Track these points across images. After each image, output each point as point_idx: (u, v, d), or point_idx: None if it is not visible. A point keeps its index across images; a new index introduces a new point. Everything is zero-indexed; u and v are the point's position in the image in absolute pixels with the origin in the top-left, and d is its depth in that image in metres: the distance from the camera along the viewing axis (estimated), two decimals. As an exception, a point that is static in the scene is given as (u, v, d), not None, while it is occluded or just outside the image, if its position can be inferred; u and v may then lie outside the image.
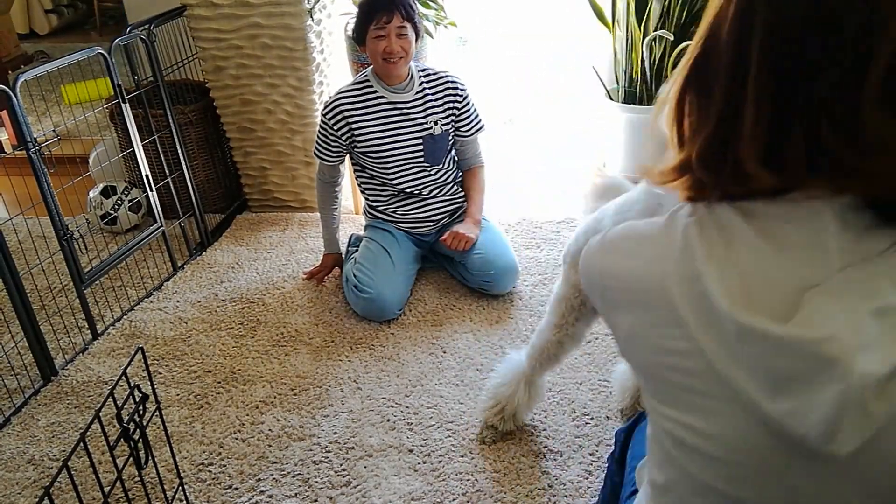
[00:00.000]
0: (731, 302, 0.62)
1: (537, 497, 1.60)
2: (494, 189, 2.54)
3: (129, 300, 2.42)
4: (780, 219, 0.64)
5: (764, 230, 0.64)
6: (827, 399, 0.58)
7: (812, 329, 0.59)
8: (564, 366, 1.99)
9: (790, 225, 0.63)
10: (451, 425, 1.81)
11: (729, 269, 0.64)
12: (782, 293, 0.61)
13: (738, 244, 0.64)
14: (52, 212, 2.05)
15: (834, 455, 0.60)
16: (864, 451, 0.60)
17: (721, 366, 0.64)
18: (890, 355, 0.57)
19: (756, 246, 0.64)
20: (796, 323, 0.60)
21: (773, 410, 0.62)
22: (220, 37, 2.60)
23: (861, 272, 0.60)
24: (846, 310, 0.59)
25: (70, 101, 3.77)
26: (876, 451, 0.60)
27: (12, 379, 2.06)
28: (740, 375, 0.63)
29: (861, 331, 0.58)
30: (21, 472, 1.75)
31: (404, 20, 2.12)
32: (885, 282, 0.59)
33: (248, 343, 2.17)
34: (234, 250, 2.70)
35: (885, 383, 0.57)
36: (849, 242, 0.61)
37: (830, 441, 0.59)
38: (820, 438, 0.60)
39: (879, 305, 0.58)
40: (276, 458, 1.75)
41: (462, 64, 3.73)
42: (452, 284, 2.39)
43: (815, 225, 0.62)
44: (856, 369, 0.57)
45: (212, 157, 2.91)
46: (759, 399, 0.62)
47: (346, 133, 2.26)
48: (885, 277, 0.59)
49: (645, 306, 0.69)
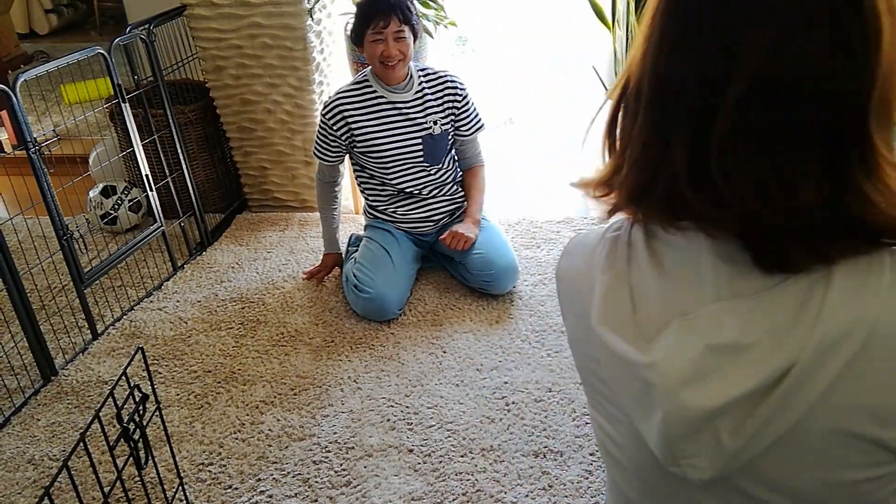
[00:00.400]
0: (599, 318, 0.66)
1: (537, 497, 1.60)
2: (494, 189, 2.54)
3: (129, 300, 2.42)
4: (669, 244, 0.65)
5: (656, 253, 0.66)
6: (655, 423, 0.62)
7: (646, 354, 0.62)
8: (564, 366, 1.99)
9: (674, 253, 0.65)
10: (451, 425, 1.81)
11: (618, 286, 0.67)
12: (657, 316, 0.63)
13: (635, 262, 0.67)
14: (52, 212, 2.05)
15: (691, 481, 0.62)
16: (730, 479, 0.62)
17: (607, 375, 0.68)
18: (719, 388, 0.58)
19: (646, 267, 0.66)
20: (641, 346, 0.62)
21: (638, 424, 0.65)
22: (220, 36, 2.60)
23: (727, 307, 0.60)
24: (686, 341, 0.60)
25: (70, 101, 3.77)
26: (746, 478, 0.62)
27: (12, 379, 2.05)
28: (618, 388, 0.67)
29: (691, 363, 0.59)
30: (21, 472, 1.75)
31: (402, 24, 2.12)
32: (744, 310, 0.59)
33: (248, 343, 2.17)
34: (234, 250, 2.70)
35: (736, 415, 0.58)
36: (723, 277, 0.61)
37: (670, 462, 0.62)
38: (664, 460, 0.63)
39: (724, 340, 0.59)
40: (276, 458, 1.75)
41: (462, 64, 3.73)
42: (452, 284, 2.39)
43: (692, 256, 0.63)
44: (670, 402, 0.59)
45: (212, 156, 2.91)
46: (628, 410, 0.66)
47: (345, 133, 2.26)
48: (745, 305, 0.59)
49: (576, 310, 0.73)
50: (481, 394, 1.91)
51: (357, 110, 2.24)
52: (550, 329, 2.14)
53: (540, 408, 1.85)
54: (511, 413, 1.84)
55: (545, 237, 2.62)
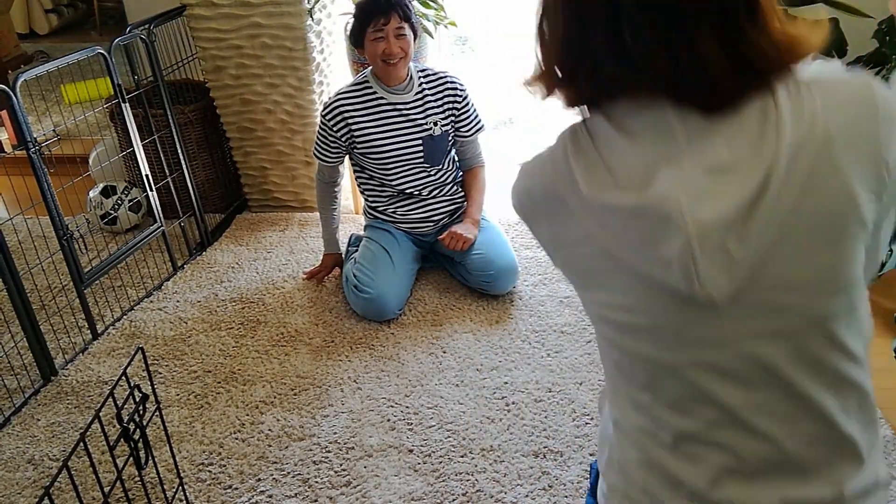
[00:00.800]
0: (590, 188, 0.73)
1: (537, 497, 1.60)
2: (495, 189, 2.54)
3: (129, 300, 2.42)
4: (631, 111, 0.72)
5: (621, 125, 0.73)
6: (676, 250, 0.68)
7: (652, 193, 0.69)
8: (564, 366, 1.99)
9: (639, 115, 0.72)
10: (451, 426, 1.81)
11: (593, 162, 0.74)
12: (638, 172, 0.71)
13: (600, 141, 0.74)
14: (52, 212, 2.05)
15: (714, 300, 0.69)
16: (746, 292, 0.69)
17: (605, 243, 0.74)
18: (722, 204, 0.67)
19: (615, 139, 0.73)
20: (641, 192, 0.70)
21: (650, 271, 0.71)
22: (220, 37, 2.60)
23: (702, 142, 0.69)
24: (683, 173, 0.68)
25: (70, 101, 3.77)
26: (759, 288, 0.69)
27: (12, 379, 2.06)
28: (621, 247, 0.73)
29: (693, 187, 0.67)
30: (21, 472, 1.75)
31: (402, 21, 2.12)
32: (720, 141, 0.68)
33: (248, 343, 2.17)
34: (234, 250, 2.70)
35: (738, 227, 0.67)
36: (691, 122, 0.69)
37: (695, 285, 0.68)
38: (687, 286, 0.69)
39: (711, 165, 0.68)
40: (276, 458, 1.75)
41: (462, 64, 3.73)
42: (452, 284, 2.39)
43: (657, 112, 0.70)
44: (689, 220, 0.67)
45: (212, 156, 2.91)
46: (635, 263, 0.72)
47: (345, 134, 2.26)
48: (719, 137, 0.68)
49: (549, 211, 0.79)
50: (481, 394, 1.91)
51: (357, 111, 2.24)
52: (550, 329, 2.14)
53: (540, 408, 1.85)
54: (511, 413, 1.84)
55: (545, 237, 2.62)
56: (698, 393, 0.75)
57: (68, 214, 2.35)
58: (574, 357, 2.02)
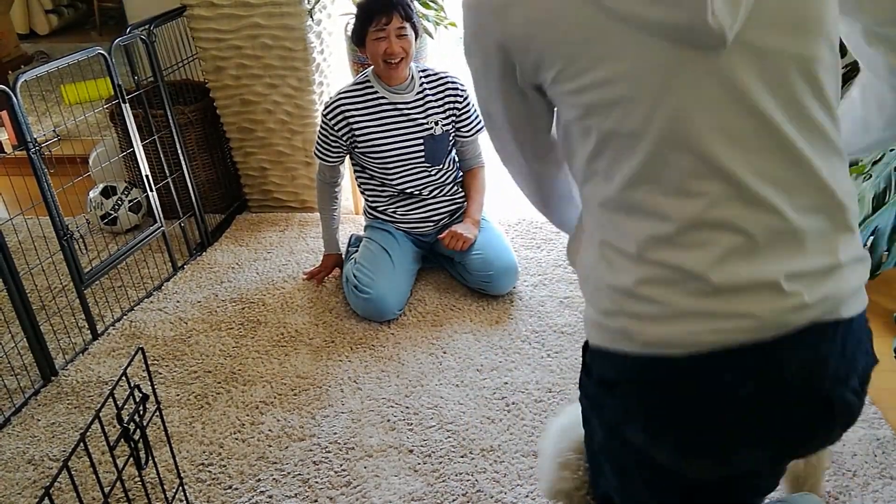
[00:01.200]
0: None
1: (537, 497, 1.60)
2: (495, 189, 2.54)
3: (129, 300, 2.42)
4: None
5: None
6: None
7: None
8: (564, 366, 1.99)
9: None
10: (452, 426, 1.81)
11: None
12: None
13: None
14: (52, 212, 2.05)
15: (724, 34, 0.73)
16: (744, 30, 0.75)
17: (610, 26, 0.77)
18: None
19: None
20: None
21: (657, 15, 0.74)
22: (220, 37, 2.61)
23: None
24: None
25: (70, 102, 3.77)
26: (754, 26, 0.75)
27: (12, 379, 2.06)
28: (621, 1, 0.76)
29: None
30: (21, 472, 1.75)
31: (403, 20, 2.12)
32: None
33: (248, 343, 2.17)
34: (234, 250, 2.70)
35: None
36: None
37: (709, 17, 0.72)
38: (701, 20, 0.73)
39: None
40: (276, 458, 1.75)
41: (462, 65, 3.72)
42: (452, 284, 2.39)
43: None
44: None
45: (212, 157, 2.91)
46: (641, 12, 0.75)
47: (346, 134, 2.26)
48: None
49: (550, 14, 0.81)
50: (481, 394, 1.91)
51: (358, 111, 2.24)
52: (550, 329, 2.14)
53: (540, 408, 1.85)
54: (511, 413, 1.84)
55: (545, 238, 2.62)
56: (700, 164, 0.78)
57: (68, 215, 2.35)
58: (574, 357, 2.02)
